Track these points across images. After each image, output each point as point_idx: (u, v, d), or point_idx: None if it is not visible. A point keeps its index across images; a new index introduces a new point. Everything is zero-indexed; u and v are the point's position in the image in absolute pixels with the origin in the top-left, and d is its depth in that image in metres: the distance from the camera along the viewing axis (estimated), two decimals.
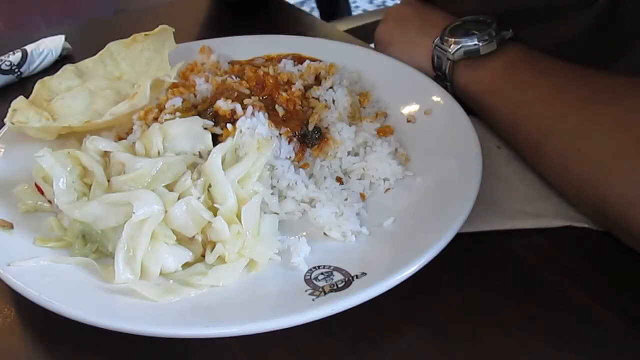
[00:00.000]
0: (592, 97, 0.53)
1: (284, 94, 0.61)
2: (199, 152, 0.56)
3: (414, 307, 0.47)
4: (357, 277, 0.45)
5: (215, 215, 0.49)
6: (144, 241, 0.47)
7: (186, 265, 0.49)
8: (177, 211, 0.49)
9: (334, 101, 0.63)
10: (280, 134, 0.57)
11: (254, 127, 0.56)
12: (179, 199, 0.50)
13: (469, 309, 0.47)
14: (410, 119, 0.64)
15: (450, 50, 0.63)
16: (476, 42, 0.62)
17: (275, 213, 0.53)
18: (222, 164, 0.52)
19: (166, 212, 0.49)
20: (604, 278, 0.49)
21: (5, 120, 0.63)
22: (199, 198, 0.50)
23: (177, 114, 0.60)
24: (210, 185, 0.51)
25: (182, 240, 0.50)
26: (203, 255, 0.50)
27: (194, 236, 0.49)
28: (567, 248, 0.52)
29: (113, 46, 0.74)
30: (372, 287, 0.43)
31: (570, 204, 0.55)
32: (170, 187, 0.51)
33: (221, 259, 0.49)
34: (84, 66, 0.73)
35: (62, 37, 0.88)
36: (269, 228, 0.51)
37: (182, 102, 0.62)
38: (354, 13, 3.35)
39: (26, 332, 0.48)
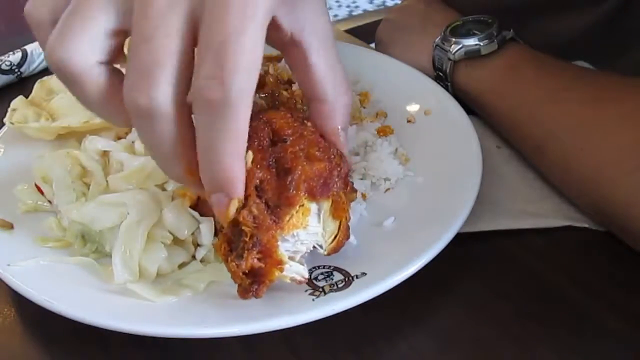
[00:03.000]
0: (594, 96, 0.53)
1: (284, 92, 0.61)
2: None
3: (414, 307, 0.47)
4: (357, 277, 0.45)
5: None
6: (140, 242, 0.47)
7: (183, 265, 0.49)
8: (170, 214, 0.49)
9: None
10: None
11: None
12: (173, 197, 0.50)
13: (469, 309, 0.47)
14: (410, 119, 0.64)
15: (451, 50, 0.64)
16: (477, 42, 0.62)
17: None
18: None
19: (161, 211, 0.49)
20: (604, 278, 0.49)
21: (5, 120, 0.63)
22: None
23: None
24: None
25: (178, 240, 0.50)
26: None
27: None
28: (567, 248, 0.52)
29: None
30: (372, 287, 0.43)
31: (571, 204, 0.55)
32: (161, 186, 0.51)
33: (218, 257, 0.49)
34: None
35: None
36: None
37: None
38: (353, 13, 3.35)
39: (26, 332, 0.48)
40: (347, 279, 0.45)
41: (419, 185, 0.56)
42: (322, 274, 0.46)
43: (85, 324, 0.42)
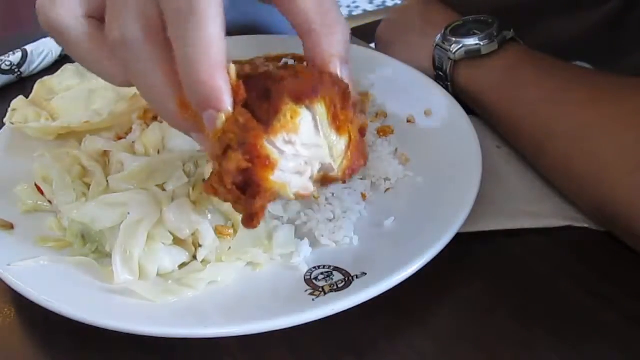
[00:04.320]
0: (596, 97, 0.53)
1: None
2: (198, 150, 0.56)
3: (414, 307, 0.47)
4: (357, 277, 0.45)
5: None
6: (140, 242, 0.47)
7: (183, 265, 0.49)
8: (171, 214, 0.49)
9: None
10: None
11: None
12: (173, 198, 0.50)
13: (469, 309, 0.47)
14: (410, 119, 0.64)
15: (451, 50, 0.64)
16: (477, 42, 0.62)
17: (280, 217, 0.53)
18: None
19: (161, 211, 0.49)
20: (604, 278, 0.49)
21: (5, 120, 0.63)
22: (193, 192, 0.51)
23: None
24: None
25: (179, 240, 0.50)
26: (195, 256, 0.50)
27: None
28: (567, 248, 0.52)
29: None
30: (372, 287, 0.43)
31: (571, 204, 0.55)
32: (161, 186, 0.51)
33: (218, 258, 0.49)
34: None
35: None
36: (283, 239, 0.50)
37: None
38: (353, 13, 3.35)
39: (26, 332, 0.48)
40: (347, 279, 0.45)
41: (419, 185, 0.56)
42: (322, 274, 0.46)
43: (85, 324, 0.42)
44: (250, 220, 0.39)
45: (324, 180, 0.42)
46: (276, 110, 0.38)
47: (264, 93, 0.39)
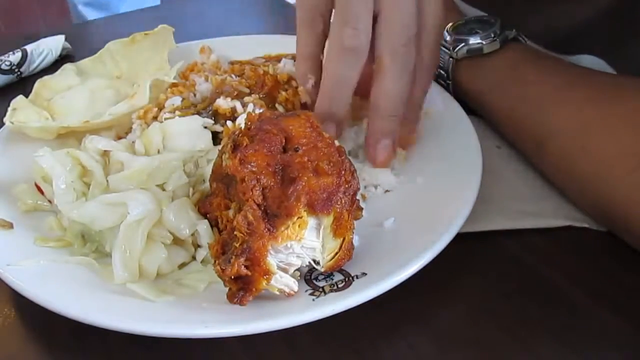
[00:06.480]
0: (597, 96, 0.53)
1: (284, 93, 0.60)
2: (198, 150, 0.56)
3: (414, 307, 0.47)
4: (357, 277, 0.45)
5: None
6: (140, 241, 0.47)
7: (183, 265, 0.49)
8: (171, 214, 0.49)
9: None
10: None
11: None
12: (173, 198, 0.50)
13: (469, 309, 0.47)
14: None
15: (453, 49, 0.63)
16: (479, 41, 0.62)
17: None
18: None
19: (161, 211, 0.49)
20: (604, 278, 0.49)
21: (5, 119, 0.63)
22: (193, 194, 0.51)
23: (177, 112, 0.60)
24: None
25: (178, 240, 0.50)
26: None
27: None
28: (567, 248, 0.52)
29: (113, 45, 0.74)
30: (372, 287, 0.43)
31: (571, 204, 0.55)
32: (161, 186, 0.51)
33: None
34: (84, 65, 0.73)
35: (62, 37, 0.88)
36: None
37: (182, 101, 0.62)
38: None
39: (26, 332, 0.48)
40: (347, 279, 0.45)
41: (419, 185, 0.56)
42: (322, 274, 0.46)
43: (85, 324, 0.42)
44: (232, 299, 0.43)
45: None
46: (289, 214, 0.41)
47: (282, 179, 0.43)
